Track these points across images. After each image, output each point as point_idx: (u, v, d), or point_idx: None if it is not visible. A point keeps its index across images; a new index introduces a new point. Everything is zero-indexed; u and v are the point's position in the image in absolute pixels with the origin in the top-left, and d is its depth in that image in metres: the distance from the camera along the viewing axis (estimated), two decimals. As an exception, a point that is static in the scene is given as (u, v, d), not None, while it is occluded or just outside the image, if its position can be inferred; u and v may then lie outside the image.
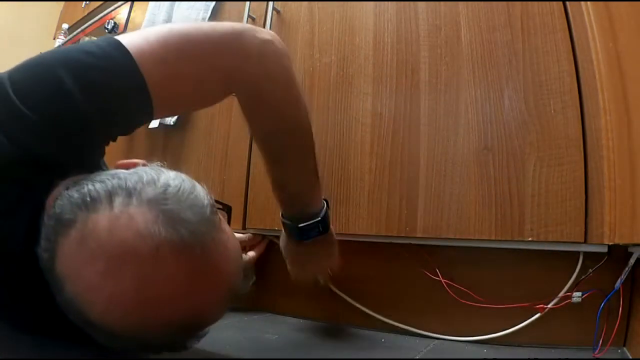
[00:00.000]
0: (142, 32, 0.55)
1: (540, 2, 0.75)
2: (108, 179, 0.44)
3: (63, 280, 0.41)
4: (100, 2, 1.99)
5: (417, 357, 0.65)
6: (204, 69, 0.58)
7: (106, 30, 1.78)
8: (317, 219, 0.72)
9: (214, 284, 0.44)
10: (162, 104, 0.54)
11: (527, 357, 0.65)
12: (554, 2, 0.74)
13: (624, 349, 0.64)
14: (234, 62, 0.59)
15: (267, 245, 0.96)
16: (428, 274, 0.78)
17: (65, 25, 2.23)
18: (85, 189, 0.43)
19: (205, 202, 0.45)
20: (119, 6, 1.80)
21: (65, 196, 0.43)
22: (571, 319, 0.68)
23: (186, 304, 0.42)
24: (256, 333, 0.77)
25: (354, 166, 0.87)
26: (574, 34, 0.72)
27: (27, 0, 2.67)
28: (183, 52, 0.55)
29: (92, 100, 0.47)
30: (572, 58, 0.71)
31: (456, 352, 0.69)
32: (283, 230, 0.78)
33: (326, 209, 0.74)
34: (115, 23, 1.77)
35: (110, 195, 0.42)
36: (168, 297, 0.41)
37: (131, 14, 1.66)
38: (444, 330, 0.77)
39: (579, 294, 0.66)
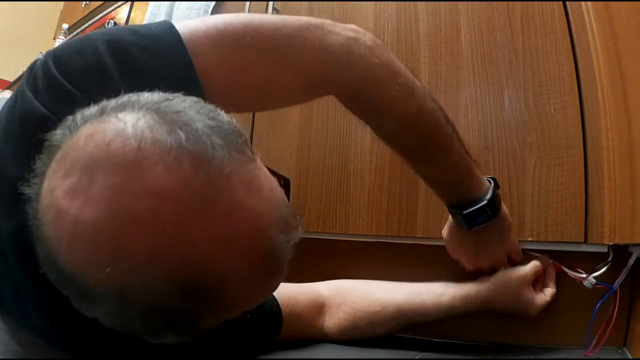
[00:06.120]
0: (201, 18, 0.50)
1: (540, 2, 0.75)
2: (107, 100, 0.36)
3: (41, 219, 0.32)
4: (100, 2, 1.99)
5: (417, 357, 0.65)
6: (273, 63, 0.51)
7: (106, 30, 1.78)
8: (483, 203, 0.62)
9: (232, 220, 0.31)
10: (218, 93, 0.47)
11: (527, 357, 0.65)
12: (554, 2, 0.74)
13: (624, 349, 0.64)
14: (314, 60, 0.53)
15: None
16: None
17: (65, 25, 2.23)
18: (79, 113, 0.35)
19: (229, 122, 0.35)
20: (119, 6, 1.80)
21: (59, 126, 0.36)
22: (571, 319, 0.68)
23: (179, 238, 0.30)
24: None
25: (354, 166, 0.87)
26: (574, 34, 0.72)
27: (27, 0, 2.67)
28: (246, 39, 0.49)
29: (129, 78, 0.43)
30: (572, 58, 0.71)
31: (456, 352, 0.69)
32: (450, 219, 0.70)
33: (493, 190, 0.64)
34: (115, 23, 1.77)
35: (103, 108, 0.34)
36: (151, 219, 0.29)
37: (131, 14, 1.66)
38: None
39: (593, 280, 0.64)
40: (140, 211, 0.30)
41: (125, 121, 0.32)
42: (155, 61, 0.45)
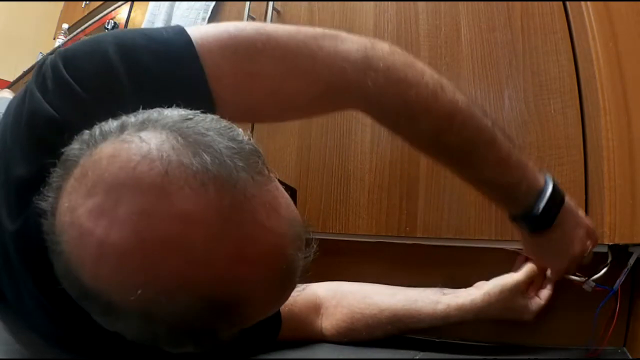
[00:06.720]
0: (213, 24, 0.50)
1: (540, 2, 0.75)
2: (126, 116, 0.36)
3: (60, 235, 0.33)
4: (100, 2, 1.99)
5: (417, 357, 0.65)
6: (287, 70, 0.51)
7: (106, 31, 1.79)
8: (547, 195, 0.57)
9: (255, 242, 0.32)
10: (229, 101, 0.48)
11: (527, 357, 0.65)
12: (554, 2, 0.74)
13: (624, 349, 0.64)
14: (330, 66, 0.51)
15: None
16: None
17: (65, 25, 2.23)
18: (97, 128, 0.35)
19: (248, 142, 0.35)
20: (119, 6, 1.81)
21: (76, 140, 0.36)
22: (571, 319, 0.68)
23: (207, 262, 0.31)
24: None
25: (354, 166, 0.87)
26: (574, 34, 0.72)
27: (27, 0, 2.67)
28: (258, 45, 0.49)
29: (138, 83, 0.43)
30: (572, 58, 0.71)
31: (456, 352, 0.69)
32: (521, 232, 0.63)
33: (552, 178, 0.59)
34: (115, 23, 1.77)
35: (123, 125, 0.34)
36: (179, 243, 0.30)
37: (131, 14, 1.66)
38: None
39: (592, 284, 0.64)
40: (167, 235, 0.30)
41: (150, 143, 0.32)
42: (165, 66, 0.45)
